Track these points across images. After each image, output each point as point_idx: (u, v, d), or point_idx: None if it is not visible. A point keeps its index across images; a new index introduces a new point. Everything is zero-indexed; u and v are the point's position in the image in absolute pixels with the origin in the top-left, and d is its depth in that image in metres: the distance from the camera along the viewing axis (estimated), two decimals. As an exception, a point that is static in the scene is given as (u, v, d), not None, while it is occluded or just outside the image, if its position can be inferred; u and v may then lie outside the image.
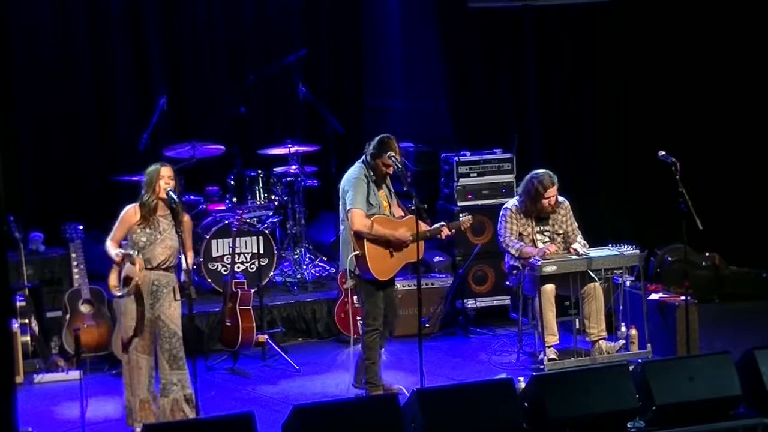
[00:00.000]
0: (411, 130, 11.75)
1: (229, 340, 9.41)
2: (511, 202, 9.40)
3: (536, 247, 9.21)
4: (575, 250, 9.16)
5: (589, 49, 11.96)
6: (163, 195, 7.70)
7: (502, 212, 9.40)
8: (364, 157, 8.34)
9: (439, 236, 8.58)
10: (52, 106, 11.36)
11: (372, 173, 8.26)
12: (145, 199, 7.78)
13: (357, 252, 8.16)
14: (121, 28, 11.45)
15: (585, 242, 9.31)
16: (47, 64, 11.30)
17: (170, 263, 7.78)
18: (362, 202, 8.16)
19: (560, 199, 9.35)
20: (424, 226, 8.39)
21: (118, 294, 7.73)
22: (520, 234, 9.29)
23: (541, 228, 9.34)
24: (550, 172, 9.23)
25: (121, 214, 7.85)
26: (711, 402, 7.58)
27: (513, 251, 9.20)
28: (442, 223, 8.54)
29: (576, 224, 9.42)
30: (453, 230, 8.64)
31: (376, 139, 8.31)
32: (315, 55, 11.80)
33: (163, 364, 7.80)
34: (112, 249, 7.81)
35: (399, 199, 8.59)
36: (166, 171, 7.78)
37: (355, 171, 8.30)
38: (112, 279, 7.83)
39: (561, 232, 9.36)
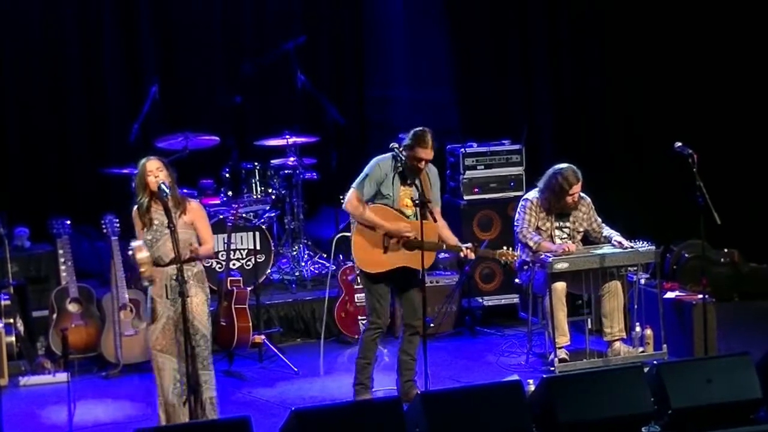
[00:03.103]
0: (415, 121, 11.63)
1: (224, 340, 9.41)
2: (532, 194, 9.36)
3: (553, 243, 9.20)
4: (620, 242, 9.14)
5: (603, 35, 11.95)
6: (154, 188, 7.66)
7: (521, 203, 9.37)
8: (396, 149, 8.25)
9: (461, 254, 8.33)
10: (40, 94, 11.37)
11: (399, 166, 8.20)
12: (137, 200, 7.76)
13: (349, 234, 8.24)
14: (111, 13, 11.46)
15: (615, 232, 9.31)
16: (34, 51, 11.31)
17: (185, 256, 7.61)
18: (367, 186, 8.17)
19: (581, 195, 9.32)
20: (453, 238, 8.26)
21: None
22: (538, 228, 9.26)
23: (561, 224, 9.31)
24: (574, 167, 9.18)
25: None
26: (730, 405, 7.57)
27: (531, 243, 9.16)
28: (470, 244, 8.26)
29: (599, 219, 9.40)
30: (478, 256, 8.35)
31: (412, 131, 8.25)
32: (314, 42, 11.79)
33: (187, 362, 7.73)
34: None
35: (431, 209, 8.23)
36: (152, 164, 7.71)
37: (380, 157, 8.30)
38: None
39: (581, 230, 9.35)
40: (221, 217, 10.30)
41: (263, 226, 10.53)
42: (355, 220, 8.22)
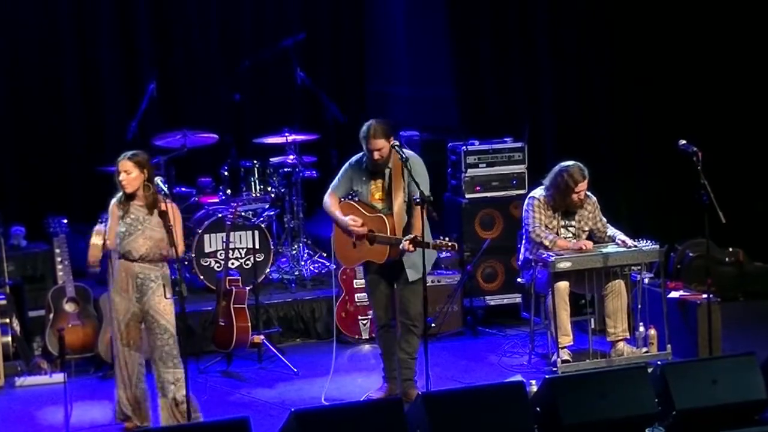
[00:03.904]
0: (416, 118, 11.73)
1: (223, 340, 9.40)
2: (538, 192, 9.33)
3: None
4: (624, 242, 9.13)
5: (606, 31, 11.93)
6: (129, 190, 7.72)
7: (528, 201, 9.34)
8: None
9: (400, 247, 8.07)
10: (35, 92, 11.35)
11: (364, 162, 8.29)
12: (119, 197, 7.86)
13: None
14: (108, 10, 11.43)
15: (619, 231, 9.31)
16: (31, 49, 11.28)
17: (155, 255, 7.75)
18: (339, 186, 8.34)
19: (587, 193, 9.29)
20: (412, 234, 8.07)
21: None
22: (545, 227, 9.24)
23: (566, 223, 9.29)
24: (580, 164, 9.16)
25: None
26: (734, 406, 7.57)
27: (547, 242, 9.13)
28: (410, 237, 7.96)
29: (604, 219, 9.39)
30: (417, 248, 8.07)
31: None
32: (314, 38, 11.79)
33: (156, 361, 7.82)
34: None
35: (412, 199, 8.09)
36: (120, 165, 7.80)
37: (354, 157, 8.41)
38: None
39: (587, 229, 9.33)
40: (220, 215, 10.31)
41: (262, 225, 10.52)
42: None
